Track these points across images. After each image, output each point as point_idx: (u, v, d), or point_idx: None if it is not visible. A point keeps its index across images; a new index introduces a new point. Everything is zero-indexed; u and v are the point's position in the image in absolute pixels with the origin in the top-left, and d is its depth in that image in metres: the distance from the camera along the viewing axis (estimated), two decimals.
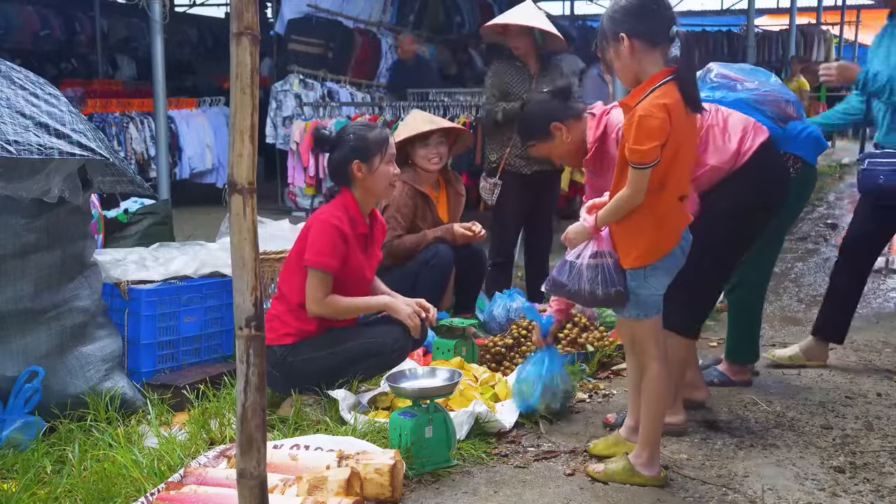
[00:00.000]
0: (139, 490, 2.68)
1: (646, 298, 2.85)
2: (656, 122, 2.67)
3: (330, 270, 3.42)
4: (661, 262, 2.83)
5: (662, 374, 2.89)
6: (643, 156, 2.67)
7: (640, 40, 2.76)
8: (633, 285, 2.84)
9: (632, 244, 2.81)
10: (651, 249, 2.80)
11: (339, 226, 3.45)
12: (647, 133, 2.66)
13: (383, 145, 3.56)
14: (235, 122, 1.93)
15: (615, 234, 2.85)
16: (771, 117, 3.55)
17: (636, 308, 2.87)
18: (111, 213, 4.97)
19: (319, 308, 3.44)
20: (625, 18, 2.78)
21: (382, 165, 3.55)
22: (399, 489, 2.74)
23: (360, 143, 3.54)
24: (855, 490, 2.88)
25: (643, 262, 2.80)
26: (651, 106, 2.69)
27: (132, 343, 3.85)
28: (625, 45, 2.77)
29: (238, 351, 1.96)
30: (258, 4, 1.93)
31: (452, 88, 8.76)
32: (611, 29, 2.81)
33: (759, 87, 3.60)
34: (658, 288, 2.86)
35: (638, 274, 2.83)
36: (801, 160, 3.73)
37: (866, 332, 4.98)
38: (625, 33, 2.76)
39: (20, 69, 3.45)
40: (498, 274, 5.19)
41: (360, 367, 3.50)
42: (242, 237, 1.95)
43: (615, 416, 3.43)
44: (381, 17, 11.64)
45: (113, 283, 3.88)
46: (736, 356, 3.97)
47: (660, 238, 2.81)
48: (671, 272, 2.87)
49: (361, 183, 3.55)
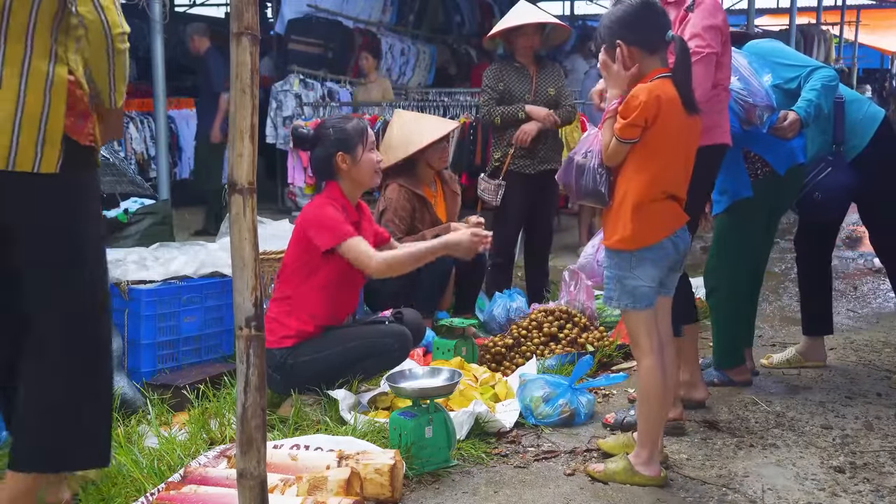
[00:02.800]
0: (139, 490, 2.68)
1: (633, 289, 2.85)
2: (638, 102, 2.74)
3: (352, 235, 3.45)
4: (648, 253, 2.84)
5: (656, 369, 2.88)
6: (622, 129, 2.76)
7: (638, 47, 2.82)
8: (619, 273, 2.86)
9: (619, 225, 2.84)
10: (633, 237, 2.81)
11: (332, 204, 3.51)
12: (628, 109, 2.75)
13: (363, 134, 3.61)
14: (235, 122, 1.93)
15: (607, 216, 2.90)
16: (737, 114, 3.55)
17: (625, 297, 2.87)
18: (111, 213, 4.97)
19: (380, 267, 3.47)
20: (620, 27, 2.84)
21: (365, 154, 3.60)
22: (399, 489, 2.74)
23: (342, 134, 3.58)
24: (855, 490, 2.88)
25: (625, 245, 2.83)
26: (641, 88, 2.77)
27: (132, 343, 3.85)
28: (623, 52, 2.82)
29: (238, 351, 1.96)
30: (258, 4, 1.94)
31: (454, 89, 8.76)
32: (608, 37, 2.86)
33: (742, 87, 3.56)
34: (645, 279, 2.85)
35: (623, 263, 2.85)
36: (769, 165, 3.74)
37: (866, 332, 4.98)
38: (622, 41, 2.82)
39: None
40: (498, 274, 5.19)
41: (360, 367, 3.49)
42: (242, 237, 1.95)
43: (614, 415, 3.43)
44: (381, 17, 11.64)
45: (113, 283, 3.88)
46: (720, 363, 3.96)
47: (642, 228, 2.82)
48: (659, 265, 2.87)
49: (347, 174, 3.59)
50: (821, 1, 15.85)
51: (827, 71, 3.83)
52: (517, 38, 5.13)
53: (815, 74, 3.78)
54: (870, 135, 4.01)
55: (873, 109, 4.13)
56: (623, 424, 3.34)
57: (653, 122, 2.75)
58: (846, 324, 5.13)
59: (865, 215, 4.25)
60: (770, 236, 4.06)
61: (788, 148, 3.76)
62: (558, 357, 4.10)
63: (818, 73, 3.78)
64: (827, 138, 4.01)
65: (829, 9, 18.60)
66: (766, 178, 3.74)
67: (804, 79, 3.79)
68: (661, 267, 2.88)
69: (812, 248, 4.29)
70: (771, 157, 3.74)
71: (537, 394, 3.46)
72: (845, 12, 18.73)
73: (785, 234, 7.22)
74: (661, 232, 2.85)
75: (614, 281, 2.88)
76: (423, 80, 12.05)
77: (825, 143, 4.01)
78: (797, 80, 3.81)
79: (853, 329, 5.04)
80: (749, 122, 3.58)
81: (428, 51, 12.31)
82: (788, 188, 3.87)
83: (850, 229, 8.27)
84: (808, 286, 4.34)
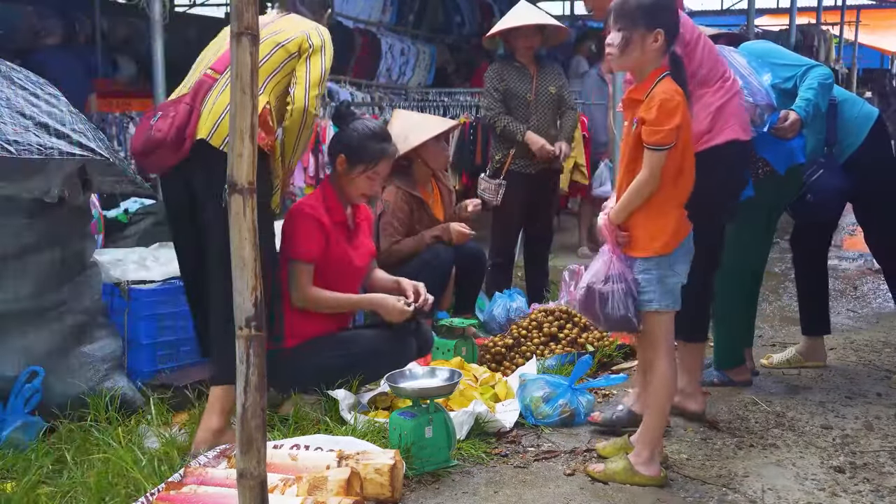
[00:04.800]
0: (139, 490, 2.68)
1: (673, 287, 2.86)
2: (675, 104, 2.72)
3: (308, 258, 3.42)
4: (680, 249, 2.86)
5: (671, 373, 2.90)
6: (665, 136, 2.71)
7: (667, 40, 2.81)
8: (658, 275, 2.85)
9: (659, 230, 2.82)
10: (677, 233, 2.83)
11: (312, 214, 3.46)
12: (667, 113, 2.71)
13: (375, 160, 3.53)
14: (235, 122, 1.93)
15: (639, 225, 2.84)
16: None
17: (662, 298, 2.86)
18: (111, 213, 4.97)
19: (303, 300, 3.43)
20: (662, 15, 2.81)
21: (362, 177, 3.54)
22: (399, 489, 2.74)
23: (356, 143, 3.55)
24: (855, 490, 2.88)
25: (671, 247, 2.83)
26: (670, 90, 2.75)
27: (132, 343, 3.84)
28: (659, 40, 2.79)
29: (238, 351, 1.96)
30: (258, 4, 1.94)
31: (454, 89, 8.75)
32: (647, 22, 2.79)
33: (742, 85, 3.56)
34: (682, 274, 2.88)
35: (664, 262, 2.85)
36: (770, 165, 3.74)
37: (866, 332, 4.98)
38: (662, 29, 2.79)
39: (20, 69, 3.45)
40: (498, 274, 5.19)
41: (362, 369, 3.48)
42: (242, 237, 1.95)
43: (601, 414, 3.43)
44: (381, 17, 11.63)
45: (113, 283, 3.88)
46: (720, 363, 3.96)
47: (681, 224, 2.85)
48: (688, 259, 2.91)
49: (339, 177, 3.58)
50: (821, 1, 15.82)
51: (822, 69, 3.83)
52: (516, 39, 5.13)
53: (810, 73, 3.78)
54: (864, 133, 4.02)
55: (867, 108, 4.14)
56: (612, 421, 3.34)
57: (685, 121, 2.76)
58: (846, 324, 5.13)
59: (861, 216, 4.25)
60: (770, 236, 4.06)
61: (788, 147, 3.76)
62: (558, 357, 4.10)
63: (814, 72, 3.78)
64: (821, 139, 4.01)
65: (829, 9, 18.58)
66: (767, 178, 3.74)
67: (800, 78, 3.79)
68: (688, 260, 2.92)
69: (808, 249, 4.29)
70: (771, 156, 3.73)
71: (537, 394, 3.45)
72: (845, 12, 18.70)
73: (785, 234, 7.20)
74: (689, 225, 2.89)
75: (655, 283, 2.85)
76: (423, 80, 12.04)
77: (818, 144, 4.01)
78: (793, 79, 3.81)
79: (853, 329, 5.04)
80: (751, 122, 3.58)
81: (428, 51, 12.29)
82: (788, 188, 3.87)
83: (850, 230, 8.27)
84: (806, 286, 4.34)
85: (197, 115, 3.08)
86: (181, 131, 3.05)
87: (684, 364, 3.39)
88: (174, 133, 3.04)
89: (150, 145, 3.09)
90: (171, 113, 3.09)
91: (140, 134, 3.15)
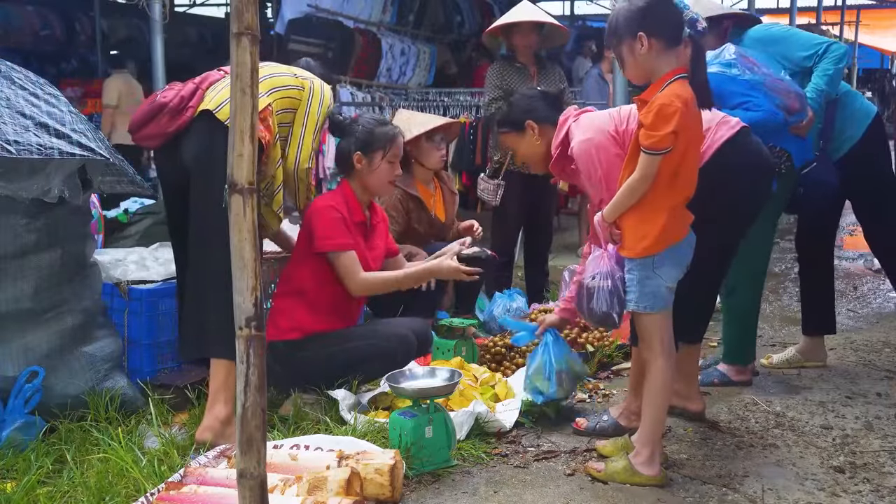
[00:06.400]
0: (139, 490, 2.68)
1: (654, 289, 2.86)
2: (674, 109, 2.71)
3: (348, 248, 3.46)
4: (670, 253, 2.85)
5: (667, 372, 2.90)
6: (659, 140, 2.72)
7: (658, 40, 2.80)
8: (640, 275, 2.86)
9: (644, 233, 2.83)
10: (661, 238, 2.82)
11: (335, 207, 3.50)
12: (664, 119, 2.71)
13: (388, 143, 3.60)
14: (235, 122, 1.93)
15: (629, 225, 2.86)
16: (779, 105, 3.56)
17: (643, 300, 2.87)
18: (111, 213, 4.97)
19: (362, 286, 3.49)
20: (643, 18, 2.81)
21: (384, 163, 3.59)
22: (399, 489, 2.74)
23: (366, 136, 3.59)
24: (855, 490, 2.88)
25: (654, 250, 2.82)
26: (671, 95, 2.75)
27: (132, 343, 3.85)
28: (644, 44, 2.80)
29: (238, 351, 1.96)
30: (258, 4, 1.93)
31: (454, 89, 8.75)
32: (628, 28, 2.83)
33: (773, 73, 3.61)
34: (667, 279, 2.86)
35: (647, 263, 2.85)
36: (791, 158, 3.75)
37: (866, 332, 4.98)
38: (644, 32, 2.79)
39: (20, 69, 3.45)
40: (498, 274, 5.19)
41: (364, 367, 3.49)
42: (242, 237, 1.94)
43: (586, 421, 3.41)
44: (381, 17, 11.62)
45: (113, 283, 3.88)
46: (733, 358, 3.96)
47: (671, 228, 2.84)
48: (680, 265, 2.90)
49: (360, 175, 3.60)
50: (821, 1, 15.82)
51: (839, 48, 3.85)
52: (515, 37, 5.14)
53: (828, 53, 3.81)
54: (864, 127, 4.03)
55: (867, 104, 4.17)
56: (596, 430, 3.33)
57: (684, 126, 2.74)
58: (846, 324, 5.12)
59: (860, 213, 4.26)
60: (774, 233, 4.08)
61: (807, 142, 3.79)
62: None
63: (831, 53, 3.80)
64: (818, 128, 4.01)
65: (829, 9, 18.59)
66: (787, 173, 3.74)
67: (819, 56, 3.82)
68: (681, 267, 2.90)
69: (812, 247, 4.29)
70: (794, 149, 3.74)
71: (537, 374, 3.44)
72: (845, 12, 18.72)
73: (785, 234, 7.22)
74: (683, 232, 2.88)
75: (635, 283, 2.87)
76: (423, 80, 12.03)
77: (815, 135, 4.01)
78: (813, 57, 3.83)
79: (853, 329, 5.04)
80: (791, 110, 3.60)
81: (428, 51, 12.28)
82: (790, 182, 3.88)
83: (850, 229, 8.27)
84: (810, 285, 4.34)
85: (202, 93, 3.23)
86: (185, 100, 3.20)
87: (682, 366, 3.38)
88: (178, 101, 3.18)
89: (151, 111, 3.21)
90: (177, 86, 3.27)
91: (143, 107, 3.28)
